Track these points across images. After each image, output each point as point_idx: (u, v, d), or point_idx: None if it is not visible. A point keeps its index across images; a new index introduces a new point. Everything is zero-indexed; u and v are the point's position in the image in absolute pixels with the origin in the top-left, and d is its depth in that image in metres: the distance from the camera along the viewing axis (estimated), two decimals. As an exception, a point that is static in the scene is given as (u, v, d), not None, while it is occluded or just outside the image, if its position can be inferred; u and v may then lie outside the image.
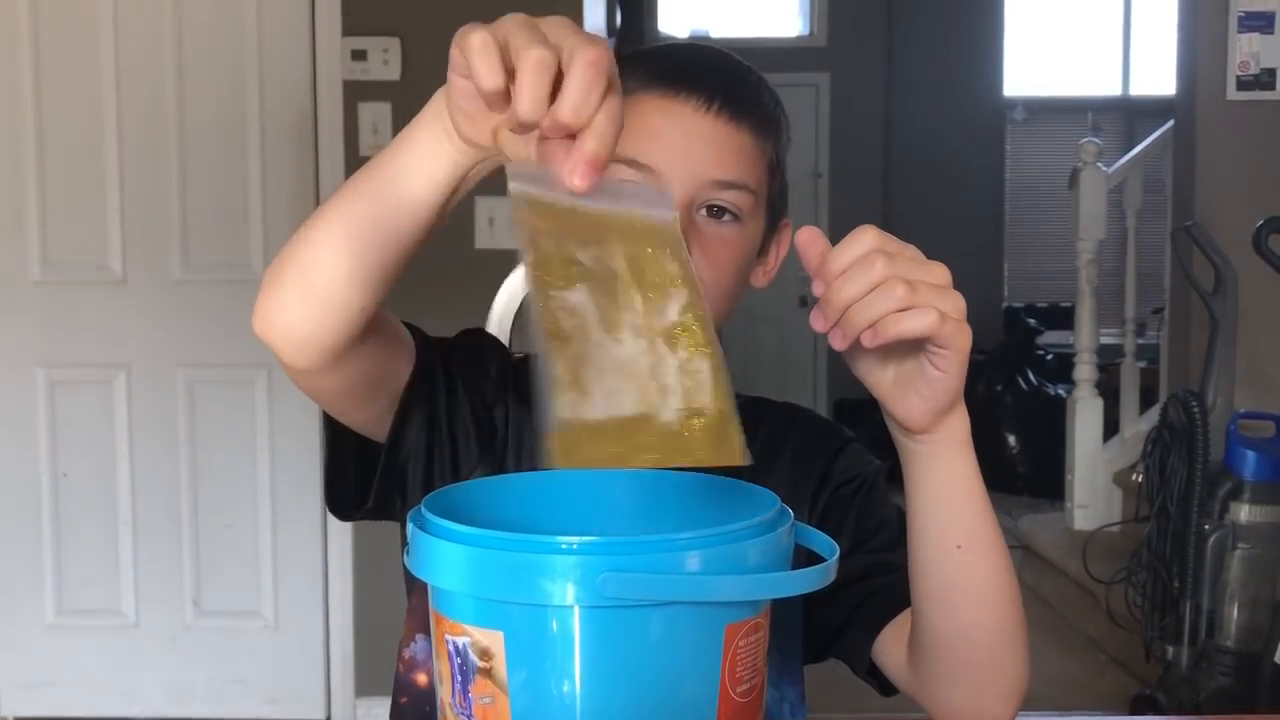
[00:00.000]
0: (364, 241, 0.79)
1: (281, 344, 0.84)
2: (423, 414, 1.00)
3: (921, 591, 0.90)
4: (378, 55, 2.98)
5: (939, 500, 0.87)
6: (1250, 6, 3.65)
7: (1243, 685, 2.81)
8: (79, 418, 3.09)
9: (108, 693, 3.14)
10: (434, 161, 0.76)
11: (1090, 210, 4.27)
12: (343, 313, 0.82)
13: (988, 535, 0.88)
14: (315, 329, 0.82)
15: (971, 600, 0.89)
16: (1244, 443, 2.86)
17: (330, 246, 0.80)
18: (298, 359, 0.85)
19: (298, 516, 3.12)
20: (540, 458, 1.04)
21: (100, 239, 3.05)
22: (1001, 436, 6.05)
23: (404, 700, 1.07)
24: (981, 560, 0.88)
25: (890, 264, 0.74)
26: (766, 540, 0.71)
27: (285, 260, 0.82)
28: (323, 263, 0.80)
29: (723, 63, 1.05)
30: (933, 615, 0.91)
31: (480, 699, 0.69)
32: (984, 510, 0.88)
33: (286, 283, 0.82)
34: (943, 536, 0.87)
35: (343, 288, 0.81)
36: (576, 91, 0.66)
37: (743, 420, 1.11)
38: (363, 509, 1.02)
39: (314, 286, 0.81)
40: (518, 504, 0.81)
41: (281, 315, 0.83)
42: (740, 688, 0.71)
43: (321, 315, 0.82)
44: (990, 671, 0.92)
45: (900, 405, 0.82)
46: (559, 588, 0.66)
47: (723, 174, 0.99)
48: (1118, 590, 3.17)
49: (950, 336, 0.76)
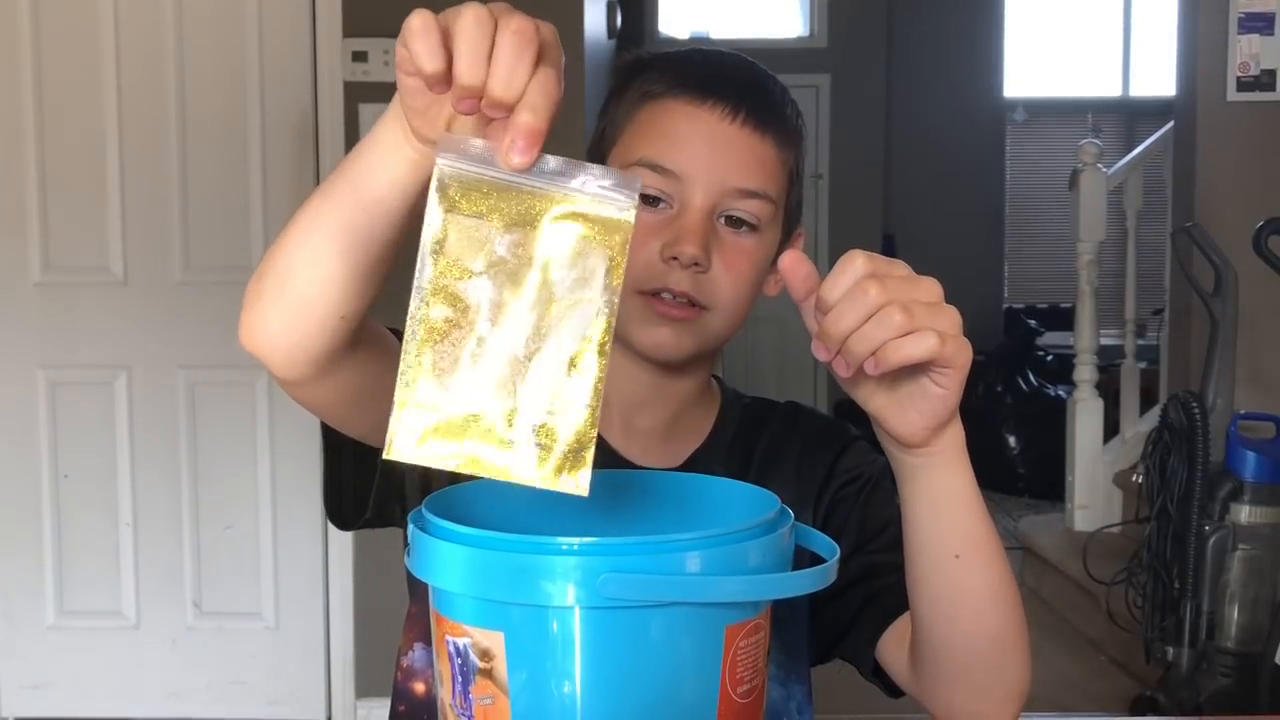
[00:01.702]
0: (338, 246, 0.77)
1: (268, 356, 0.83)
2: None
3: (920, 600, 0.90)
4: (378, 56, 2.98)
5: (937, 511, 0.86)
6: (1250, 8, 3.65)
7: (1243, 686, 2.81)
8: (80, 419, 3.09)
9: (108, 694, 3.14)
10: (395, 164, 0.75)
11: (1090, 211, 4.27)
12: (324, 320, 0.80)
13: (986, 543, 0.88)
14: (299, 339, 0.81)
15: (970, 607, 0.89)
16: (1244, 444, 2.86)
17: (305, 253, 0.79)
18: (286, 371, 0.83)
19: (298, 518, 3.12)
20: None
21: (101, 240, 3.05)
22: (1002, 437, 6.05)
23: (402, 709, 1.07)
24: (980, 568, 0.87)
25: (883, 289, 0.74)
26: (767, 541, 0.71)
27: (263, 271, 0.81)
28: (299, 270, 0.79)
29: (749, 71, 1.06)
30: (931, 623, 0.90)
31: (481, 700, 0.69)
32: (982, 518, 0.87)
33: (266, 293, 0.81)
34: (941, 546, 0.87)
35: (321, 293, 0.79)
36: (503, 63, 0.65)
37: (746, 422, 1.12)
38: (363, 518, 1.02)
39: (293, 294, 0.80)
40: (518, 505, 0.81)
41: (265, 327, 0.81)
42: (741, 688, 0.71)
43: (303, 324, 0.80)
44: (991, 677, 0.92)
45: (899, 422, 0.81)
46: (559, 588, 0.66)
47: (745, 183, 1.00)
48: (1118, 591, 3.17)
49: (952, 355, 0.76)
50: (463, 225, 0.66)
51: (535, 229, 0.66)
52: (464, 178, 0.66)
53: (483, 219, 0.66)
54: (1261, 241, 2.98)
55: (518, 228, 0.66)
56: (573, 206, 0.66)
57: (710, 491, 0.83)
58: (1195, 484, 2.85)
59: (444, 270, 0.65)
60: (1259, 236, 2.98)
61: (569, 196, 0.66)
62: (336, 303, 0.80)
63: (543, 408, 0.66)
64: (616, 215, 0.67)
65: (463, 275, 0.65)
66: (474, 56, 0.65)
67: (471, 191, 0.66)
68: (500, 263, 0.66)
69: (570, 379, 0.66)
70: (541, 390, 0.66)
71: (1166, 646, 2.94)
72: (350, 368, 0.86)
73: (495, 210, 0.66)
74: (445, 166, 0.66)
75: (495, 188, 0.66)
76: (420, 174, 0.74)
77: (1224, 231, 3.25)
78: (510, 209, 0.66)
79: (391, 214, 0.77)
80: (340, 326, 0.81)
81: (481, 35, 0.65)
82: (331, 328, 0.81)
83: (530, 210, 0.66)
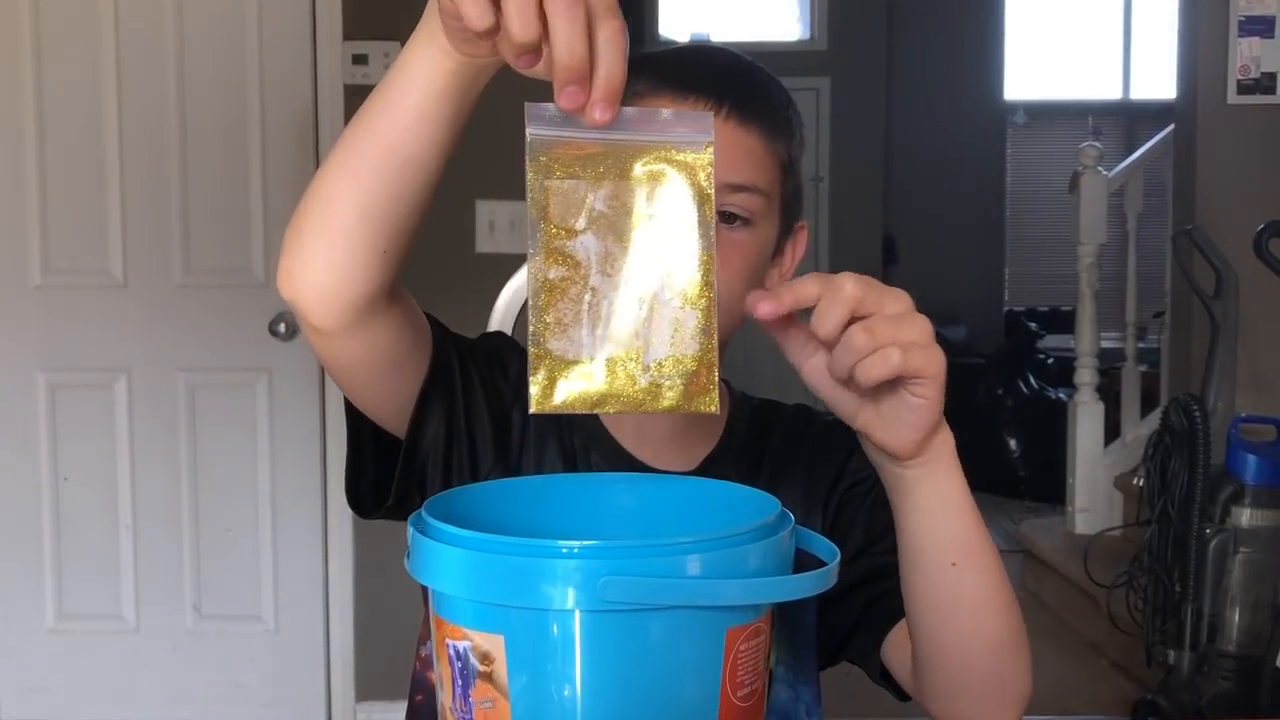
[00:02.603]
0: (379, 170, 0.79)
1: (308, 300, 0.84)
2: (441, 409, 1.00)
3: (916, 608, 0.90)
4: (379, 59, 2.98)
5: (930, 521, 0.86)
6: (1251, 10, 3.65)
7: (1244, 690, 2.81)
8: (79, 422, 3.09)
9: (108, 697, 3.14)
10: (434, 78, 0.76)
11: (1091, 214, 4.27)
12: (368, 255, 0.82)
13: (981, 549, 0.87)
14: (340, 277, 0.83)
15: (967, 614, 0.88)
16: (1245, 446, 2.86)
17: (344, 182, 0.80)
18: (324, 316, 0.85)
19: (298, 521, 3.12)
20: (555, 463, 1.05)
21: (101, 243, 3.05)
22: (1002, 440, 6.04)
23: (419, 699, 1.07)
24: (976, 575, 0.87)
25: (841, 311, 0.74)
26: (767, 544, 0.71)
27: (302, 212, 0.83)
28: (339, 199, 0.81)
29: (731, 64, 1.05)
30: (928, 630, 0.90)
31: (481, 703, 0.69)
32: (976, 524, 0.87)
33: (307, 233, 0.82)
34: (937, 555, 0.86)
35: (363, 223, 0.81)
36: (560, 29, 0.66)
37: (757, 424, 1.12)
38: (384, 507, 1.02)
39: (335, 227, 0.81)
40: (518, 508, 0.81)
41: (305, 268, 0.83)
42: (741, 692, 0.71)
43: (345, 259, 0.82)
44: (990, 683, 0.92)
45: (886, 435, 0.81)
46: (560, 592, 0.66)
47: (732, 177, 0.98)
48: (1119, 594, 3.17)
49: (922, 366, 0.76)
50: (561, 189, 0.70)
51: (627, 180, 0.71)
52: (553, 143, 0.70)
53: (578, 179, 0.70)
54: (1262, 244, 2.98)
55: (610, 181, 0.71)
56: (655, 152, 0.71)
57: (710, 494, 0.83)
58: (1196, 487, 2.85)
59: (551, 234, 0.70)
60: (1260, 239, 2.98)
61: (650, 145, 0.71)
62: (378, 232, 0.81)
63: (665, 342, 0.71)
64: (697, 153, 0.72)
65: (569, 235, 0.70)
66: (525, 16, 0.66)
67: (563, 155, 0.70)
68: (600, 217, 0.70)
69: (685, 311, 0.71)
70: (661, 327, 0.71)
71: (1167, 650, 2.93)
72: (384, 325, 0.89)
73: (587, 169, 0.70)
74: (534, 135, 0.70)
75: (583, 148, 0.70)
76: (459, 83, 0.77)
77: (1225, 234, 3.25)
78: (600, 166, 0.71)
79: (431, 131, 0.78)
80: (382, 264, 0.83)
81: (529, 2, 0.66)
82: (374, 264, 0.82)
83: (619, 164, 0.71)
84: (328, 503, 3.11)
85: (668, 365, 0.71)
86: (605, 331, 0.70)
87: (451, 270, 2.83)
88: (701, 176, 0.72)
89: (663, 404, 0.71)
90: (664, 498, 0.85)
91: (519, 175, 0.70)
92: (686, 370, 0.71)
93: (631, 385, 0.71)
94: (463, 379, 1.02)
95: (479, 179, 2.88)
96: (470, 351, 1.04)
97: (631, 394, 0.71)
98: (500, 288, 1.50)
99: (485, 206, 2.98)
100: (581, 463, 1.06)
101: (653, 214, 0.71)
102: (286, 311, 3.02)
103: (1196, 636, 2.87)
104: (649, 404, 0.71)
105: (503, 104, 0.93)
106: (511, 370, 1.06)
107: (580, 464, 1.06)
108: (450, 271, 2.82)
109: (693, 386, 0.71)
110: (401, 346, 0.95)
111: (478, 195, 2.99)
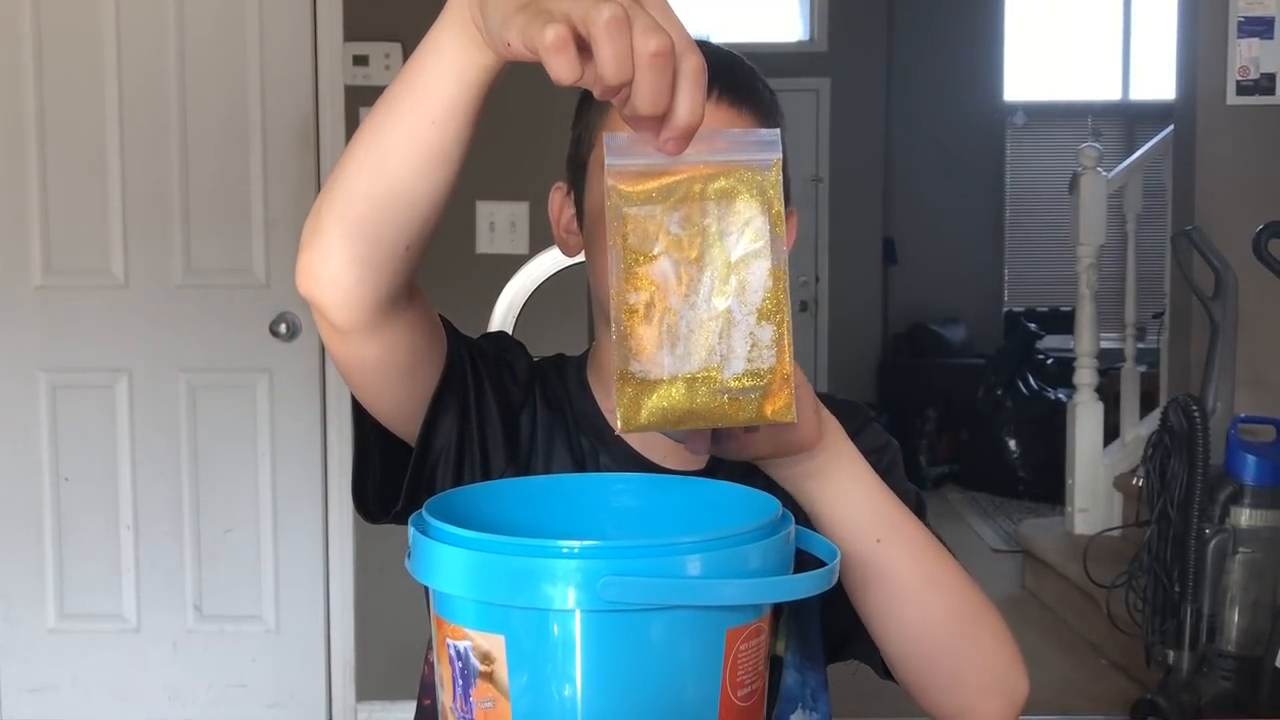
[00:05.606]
0: (402, 163, 0.78)
1: (329, 298, 0.82)
2: (455, 412, 0.99)
3: (862, 601, 0.91)
4: (379, 60, 2.99)
5: (847, 502, 0.89)
6: (1250, 11, 3.65)
7: (1244, 689, 2.81)
8: (80, 422, 3.09)
9: (109, 697, 3.14)
10: (465, 66, 0.75)
11: (1090, 215, 4.27)
12: (391, 250, 0.80)
13: (903, 523, 0.90)
14: (361, 274, 0.81)
15: (908, 592, 0.90)
16: (1244, 447, 2.86)
17: (368, 175, 0.79)
18: (344, 314, 0.83)
19: (299, 521, 3.12)
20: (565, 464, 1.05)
21: (102, 244, 3.05)
22: (1002, 441, 6.04)
23: (427, 702, 1.07)
24: (904, 547, 0.90)
25: None
26: (767, 544, 0.71)
27: (323, 205, 0.81)
28: (362, 193, 0.79)
29: (716, 52, 1.05)
30: (881, 619, 0.92)
31: (481, 703, 0.70)
32: (891, 500, 0.90)
33: (328, 226, 0.80)
34: (861, 535, 0.89)
35: (388, 217, 0.79)
36: (646, 81, 0.65)
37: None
38: (391, 512, 1.01)
39: (358, 220, 0.80)
40: (519, 508, 0.81)
41: (326, 264, 0.81)
42: (741, 691, 0.71)
43: (367, 255, 0.80)
44: (954, 663, 0.93)
45: (784, 437, 0.84)
46: (560, 592, 0.66)
47: None
48: (1118, 595, 3.17)
49: None
50: (638, 217, 0.72)
51: (699, 201, 0.73)
52: (628, 172, 0.72)
53: (653, 204, 0.72)
54: (1261, 245, 2.98)
55: (683, 204, 0.73)
56: (725, 171, 0.73)
57: (711, 494, 0.83)
58: (1195, 487, 2.86)
59: (630, 260, 0.72)
60: (1259, 240, 2.98)
61: (720, 166, 0.73)
62: (402, 227, 0.80)
63: (741, 357, 0.73)
64: (762, 169, 0.74)
65: (648, 260, 0.72)
66: (620, 62, 0.65)
67: (638, 184, 0.72)
68: (676, 240, 0.72)
69: (760, 326, 0.73)
70: (737, 343, 0.73)
71: (1167, 650, 2.94)
72: (402, 325, 0.88)
73: (662, 195, 0.72)
74: (612, 165, 0.72)
75: (656, 174, 0.72)
76: (490, 77, 0.76)
77: (1224, 235, 3.25)
78: (673, 190, 0.73)
79: (459, 124, 0.77)
80: (404, 259, 0.82)
81: (622, 40, 0.64)
82: (396, 260, 0.82)
83: (690, 186, 0.73)
84: (328, 503, 3.12)
85: (746, 380, 0.73)
86: (685, 350, 0.72)
87: (452, 271, 2.83)
88: (769, 188, 0.74)
89: (742, 416, 0.73)
90: (664, 498, 0.85)
91: (519, 176, 0.70)
92: (764, 383, 0.73)
93: (712, 401, 0.72)
94: (475, 384, 1.01)
95: (479, 179, 2.88)
96: (480, 355, 1.03)
97: (712, 409, 0.73)
98: (500, 288, 1.50)
99: (485, 207, 2.98)
100: (590, 463, 1.05)
101: (724, 232, 0.73)
102: (287, 312, 3.03)
103: (1196, 636, 2.87)
104: (729, 418, 0.73)
105: (503, 104, 0.93)
106: (519, 372, 1.06)
107: (589, 465, 1.05)
108: (450, 272, 2.82)
109: (770, 398, 0.73)
110: (418, 347, 0.94)
111: (478, 196, 2.99)
